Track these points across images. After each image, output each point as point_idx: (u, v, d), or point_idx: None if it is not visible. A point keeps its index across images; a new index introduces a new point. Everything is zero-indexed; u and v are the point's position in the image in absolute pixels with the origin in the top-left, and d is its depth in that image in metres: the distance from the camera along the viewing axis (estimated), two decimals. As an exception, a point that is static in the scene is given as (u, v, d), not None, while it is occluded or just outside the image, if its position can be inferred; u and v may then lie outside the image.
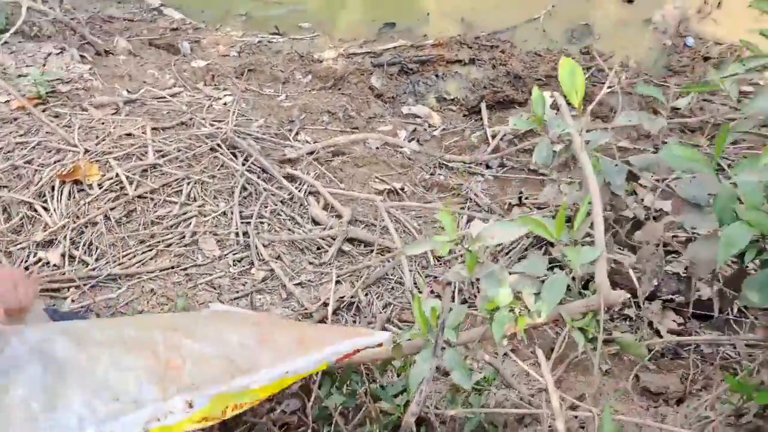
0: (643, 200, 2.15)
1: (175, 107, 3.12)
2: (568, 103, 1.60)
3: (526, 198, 2.92)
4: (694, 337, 1.97)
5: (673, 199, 1.65)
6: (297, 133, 3.24)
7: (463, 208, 2.84)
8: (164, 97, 3.21)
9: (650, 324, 2.39)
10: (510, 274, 1.32)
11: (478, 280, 1.35)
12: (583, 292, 2.05)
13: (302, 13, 4.57)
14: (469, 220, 2.73)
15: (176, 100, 3.19)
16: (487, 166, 3.19)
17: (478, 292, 2.38)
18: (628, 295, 1.29)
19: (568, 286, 1.35)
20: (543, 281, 1.34)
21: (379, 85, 3.84)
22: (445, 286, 1.68)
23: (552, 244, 2.20)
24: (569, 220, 1.37)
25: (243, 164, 2.78)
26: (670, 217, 2.06)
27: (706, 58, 4.03)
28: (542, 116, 1.67)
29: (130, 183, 2.44)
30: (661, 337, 2.37)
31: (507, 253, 2.43)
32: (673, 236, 2.35)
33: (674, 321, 2.42)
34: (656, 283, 2.37)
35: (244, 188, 2.65)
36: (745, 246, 1.30)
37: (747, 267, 1.55)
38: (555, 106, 1.97)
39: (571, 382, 1.96)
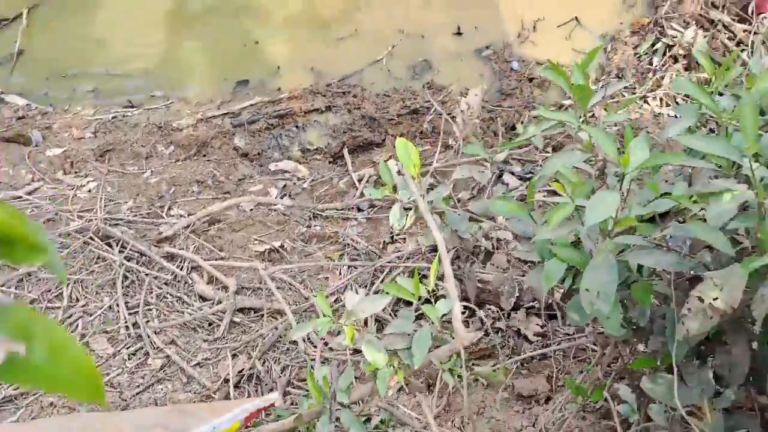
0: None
1: (37, 205, 3.08)
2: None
3: (398, 234, 3.19)
4: (540, 350, 2.30)
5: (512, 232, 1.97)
6: (169, 209, 3.31)
7: (342, 255, 3.05)
8: (23, 196, 3.15)
9: (518, 331, 2.73)
10: (384, 335, 1.55)
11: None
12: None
13: (153, 81, 4.59)
14: (350, 267, 2.96)
15: (37, 197, 3.15)
16: (359, 209, 3.43)
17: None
18: (481, 335, 1.56)
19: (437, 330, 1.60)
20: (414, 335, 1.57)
21: (243, 144, 3.98)
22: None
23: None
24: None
25: (120, 252, 2.82)
26: (514, 242, 2.41)
27: (530, 79, 4.54)
28: (392, 185, 1.92)
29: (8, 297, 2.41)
30: (529, 341, 2.72)
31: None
32: (519, 260, 2.71)
33: (537, 325, 2.78)
34: (517, 296, 2.71)
35: (125, 277, 2.70)
36: (564, 274, 1.61)
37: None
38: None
39: (458, 403, 2.22)
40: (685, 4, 4.81)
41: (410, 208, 1.93)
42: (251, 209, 3.34)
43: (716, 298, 1.16)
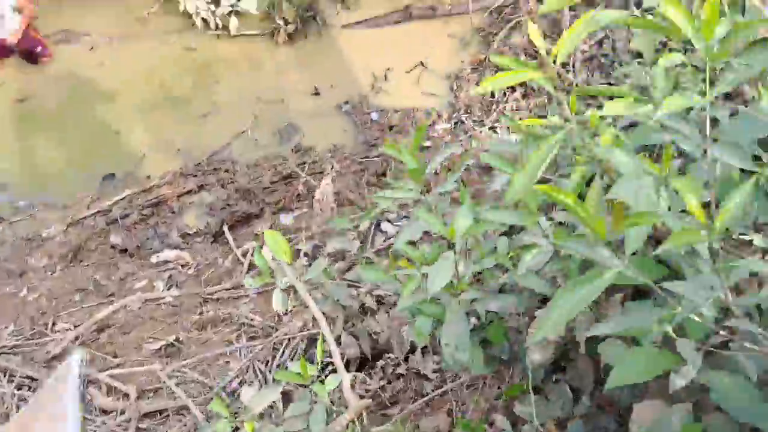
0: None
1: None
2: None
3: (294, 306, 3.30)
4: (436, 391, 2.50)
5: (388, 290, 2.15)
6: (54, 324, 3.23)
7: (239, 336, 3.12)
8: None
9: (418, 372, 2.91)
10: (284, 419, 1.67)
11: None
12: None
13: (13, 192, 4.41)
14: (248, 342, 3.03)
15: None
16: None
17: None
18: (370, 401, 1.72)
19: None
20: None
21: (120, 241, 3.94)
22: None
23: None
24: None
25: (9, 383, 2.73)
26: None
27: (391, 127, 4.83)
28: (268, 271, 2.05)
29: None
30: (429, 379, 2.91)
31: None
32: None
33: (433, 362, 2.98)
34: (408, 345, 2.89)
35: (18, 408, 2.61)
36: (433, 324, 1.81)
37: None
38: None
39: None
40: (512, 37, 5.32)
41: (288, 290, 2.07)
42: (139, 307, 3.32)
43: (547, 333, 1.39)
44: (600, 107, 1.14)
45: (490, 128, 4.65)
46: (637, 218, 0.84)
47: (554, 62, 1.06)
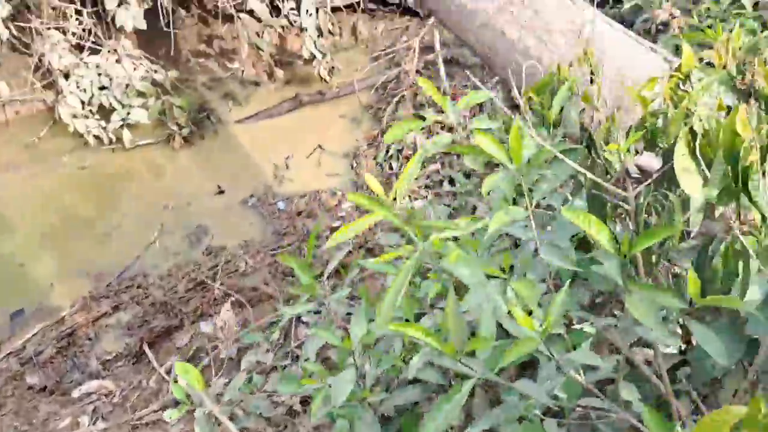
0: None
1: None
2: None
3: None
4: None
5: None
6: (-27, 487, 3.06)
7: (173, 459, 3.07)
8: None
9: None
10: None
11: None
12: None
13: None
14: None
15: None
16: (177, 403, 3.46)
17: None
18: None
19: None
20: None
21: (38, 380, 3.80)
22: None
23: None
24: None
25: None
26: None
27: (299, 213, 4.95)
28: (188, 400, 2.09)
29: None
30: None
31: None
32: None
33: None
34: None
35: None
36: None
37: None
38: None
39: None
40: (399, 110, 5.64)
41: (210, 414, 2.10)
42: (66, 449, 3.21)
43: (447, 421, 1.51)
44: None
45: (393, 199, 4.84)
46: (475, 344, 0.99)
47: (394, 199, 1.22)
